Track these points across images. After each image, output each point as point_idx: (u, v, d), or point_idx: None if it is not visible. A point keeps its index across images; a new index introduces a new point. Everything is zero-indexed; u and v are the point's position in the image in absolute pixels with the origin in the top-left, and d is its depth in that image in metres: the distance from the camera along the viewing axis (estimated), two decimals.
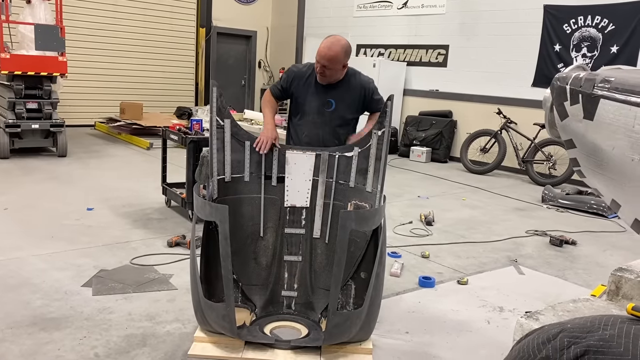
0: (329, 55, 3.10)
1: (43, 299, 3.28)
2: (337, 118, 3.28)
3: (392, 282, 3.87)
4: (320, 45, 3.13)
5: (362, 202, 3.07)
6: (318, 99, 3.27)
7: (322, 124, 3.28)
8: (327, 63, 3.10)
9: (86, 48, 10.47)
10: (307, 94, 3.30)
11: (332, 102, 3.26)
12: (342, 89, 3.28)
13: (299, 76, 3.33)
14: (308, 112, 3.30)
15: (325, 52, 3.11)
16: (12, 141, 7.37)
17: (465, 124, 9.43)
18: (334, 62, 3.11)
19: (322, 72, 3.15)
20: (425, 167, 8.98)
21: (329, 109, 3.27)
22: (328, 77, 3.18)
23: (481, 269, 4.27)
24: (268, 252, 3.21)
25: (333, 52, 3.10)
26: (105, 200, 5.59)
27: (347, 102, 3.29)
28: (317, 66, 3.15)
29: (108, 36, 10.76)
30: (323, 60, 3.11)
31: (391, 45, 10.60)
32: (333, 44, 3.11)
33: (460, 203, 6.51)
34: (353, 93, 3.30)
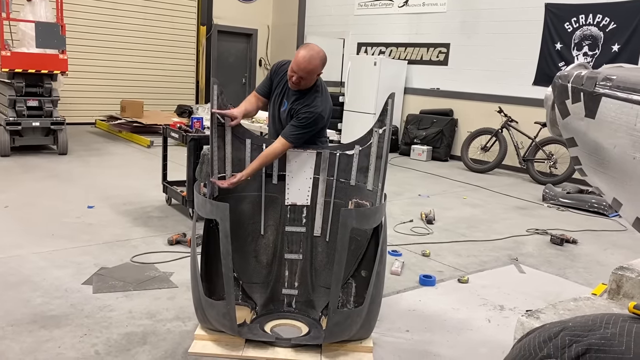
0: (308, 68, 2.99)
1: (43, 296, 3.28)
2: (285, 119, 3.19)
3: (392, 280, 3.87)
4: (299, 55, 3.00)
5: (363, 200, 3.07)
6: (278, 97, 3.23)
7: (277, 120, 3.25)
8: (304, 75, 3.01)
9: (87, 46, 10.47)
10: (276, 91, 3.25)
11: (285, 103, 3.19)
12: (299, 99, 3.13)
13: (279, 72, 3.25)
14: (271, 104, 3.29)
15: (304, 64, 2.98)
16: (13, 139, 7.37)
17: (466, 122, 9.42)
18: (311, 74, 3.03)
19: (296, 81, 3.04)
20: (426, 165, 8.98)
21: (282, 108, 3.21)
22: (301, 86, 3.09)
23: (482, 268, 4.27)
24: (269, 250, 3.21)
25: (312, 65, 2.99)
26: (106, 198, 5.59)
27: (291, 112, 3.15)
28: (292, 75, 3.03)
29: (109, 34, 10.75)
30: (301, 71, 2.99)
31: (392, 44, 10.59)
32: (313, 58, 2.98)
33: (460, 202, 6.50)
34: (298, 103, 3.13)
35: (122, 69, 10.99)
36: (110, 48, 10.80)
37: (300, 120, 3.08)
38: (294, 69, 3.03)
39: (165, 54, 11.48)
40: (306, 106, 3.09)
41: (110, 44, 10.79)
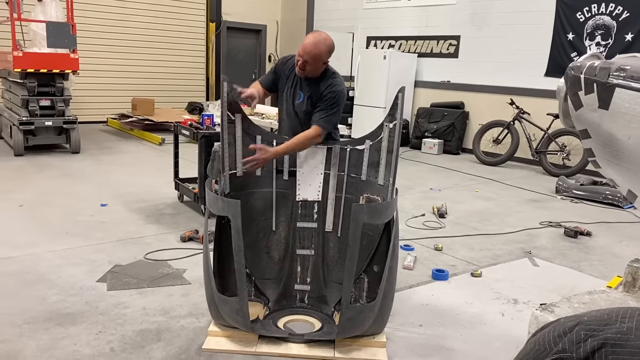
0: (313, 52, 2.99)
1: (59, 294, 3.31)
2: (303, 111, 3.19)
3: (405, 275, 3.86)
4: (306, 40, 3.03)
5: (374, 195, 3.06)
6: (291, 89, 3.22)
7: (293, 115, 3.24)
8: (310, 59, 3.02)
9: (97, 45, 10.52)
10: (285, 84, 3.25)
11: (301, 93, 3.19)
12: (315, 85, 3.15)
13: (286, 66, 3.27)
14: (283, 100, 3.27)
15: (310, 48, 2.99)
16: (27, 138, 7.44)
17: (477, 115, 9.36)
18: (317, 59, 3.03)
19: (302, 66, 3.06)
20: (437, 159, 8.94)
21: (298, 101, 3.20)
22: (307, 72, 3.10)
23: (495, 261, 4.25)
24: (280, 246, 3.22)
25: (318, 50, 3.00)
26: (119, 196, 5.62)
27: (313, 99, 3.16)
28: (299, 59, 3.06)
29: (119, 32, 10.80)
30: (307, 55, 3.01)
31: (402, 37, 10.53)
32: (319, 42, 3.01)
33: (473, 195, 6.47)
34: (317, 89, 3.15)
35: (133, 67, 11.04)
36: (121, 46, 10.85)
37: (326, 102, 3.10)
38: (300, 53, 3.05)
39: (175, 51, 11.51)
40: (327, 87, 3.12)
41: (121, 42, 10.84)
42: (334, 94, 3.12)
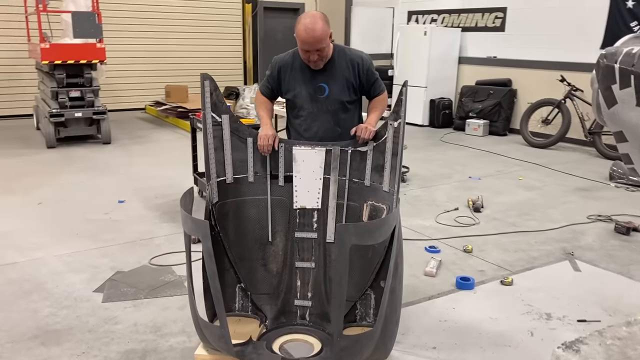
0: (315, 36, 2.64)
1: (52, 306, 3.16)
2: (333, 103, 2.86)
3: (425, 283, 3.51)
4: (299, 31, 2.67)
5: (379, 202, 2.71)
6: (309, 87, 2.87)
7: (319, 113, 2.88)
8: (318, 45, 2.67)
9: (132, 31, 10.46)
10: (296, 84, 2.90)
11: (324, 86, 2.85)
12: (332, 69, 2.84)
13: (284, 66, 2.92)
14: (301, 104, 2.91)
15: (310, 34, 2.63)
16: (58, 130, 7.43)
17: (525, 93, 8.70)
18: (323, 40, 2.67)
19: (315, 59, 2.73)
20: (482, 141, 8.38)
21: (323, 95, 2.86)
22: (324, 59, 2.77)
23: (530, 265, 3.81)
24: (278, 259, 2.92)
25: (318, 31, 2.64)
26: (139, 190, 5.48)
27: (340, 83, 2.84)
28: (307, 56, 2.72)
29: (154, 17, 10.68)
30: (316, 44, 2.66)
31: (444, 11, 9.91)
32: (313, 23, 2.64)
33: (515, 183, 5.96)
34: (345, 71, 2.84)
35: (168, 53, 10.93)
36: (156, 32, 10.74)
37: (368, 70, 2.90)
38: (307, 47, 2.70)
39: (210, 35, 11.31)
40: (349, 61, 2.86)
41: (156, 27, 10.73)
42: (362, 60, 2.88)
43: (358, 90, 2.92)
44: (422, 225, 4.59)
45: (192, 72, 11.10)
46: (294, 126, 2.99)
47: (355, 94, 2.91)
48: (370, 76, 2.91)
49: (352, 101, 2.91)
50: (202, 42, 11.26)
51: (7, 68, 9.51)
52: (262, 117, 2.97)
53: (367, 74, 2.89)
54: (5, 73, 9.51)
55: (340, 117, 2.89)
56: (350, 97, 2.89)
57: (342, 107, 2.88)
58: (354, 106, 2.94)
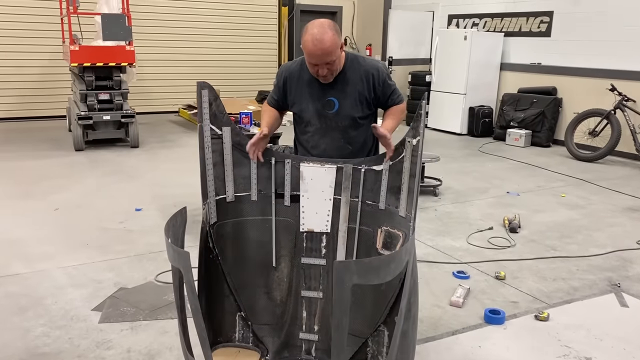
0: (324, 48, 2.32)
1: (45, 325, 2.98)
2: (344, 119, 2.56)
3: (450, 314, 3.17)
4: (306, 43, 2.35)
5: (395, 229, 2.40)
6: (316, 101, 2.56)
7: (328, 129, 2.59)
8: (328, 58, 2.36)
9: (168, 33, 10.42)
10: (303, 98, 2.60)
11: (333, 101, 2.54)
12: (343, 82, 2.52)
13: (291, 77, 2.62)
14: (308, 119, 2.62)
15: (318, 46, 2.32)
16: (86, 133, 7.38)
17: (571, 102, 8.18)
18: (333, 52, 2.36)
19: (325, 74, 2.42)
20: (523, 153, 7.91)
21: (332, 111, 2.55)
22: (334, 73, 2.46)
23: (570, 297, 3.42)
24: (282, 286, 2.65)
25: (327, 42, 2.31)
26: (159, 198, 5.32)
27: (352, 97, 2.54)
28: (315, 70, 2.42)
29: (190, 20, 10.61)
30: (325, 57, 2.34)
31: (487, 14, 9.47)
32: (321, 33, 2.32)
33: (557, 201, 5.52)
34: (358, 84, 2.53)
35: (203, 56, 10.83)
36: (191, 35, 10.67)
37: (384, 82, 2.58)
38: (315, 61, 2.39)
39: (245, 37, 11.16)
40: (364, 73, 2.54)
41: (191, 30, 10.65)
42: (378, 71, 2.56)
43: (372, 104, 2.61)
44: (451, 246, 4.24)
45: (226, 75, 11.00)
46: (301, 142, 2.70)
47: (368, 108, 2.60)
48: (387, 88, 2.60)
49: (364, 116, 2.60)
50: (237, 45, 11.12)
51: (44, 69, 9.60)
52: (262, 121, 2.67)
53: (384, 87, 2.58)
54: (42, 74, 9.60)
55: (351, 134, 2.59)
56: (363, 112, 2.58)
57: (353, 124, 2.58)
58: (368, 121, 2.62)
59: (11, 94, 9.49)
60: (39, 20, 9.30)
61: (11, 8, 9.18)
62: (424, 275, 3.68)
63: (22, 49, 9.37)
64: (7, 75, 9.41)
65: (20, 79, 9.49)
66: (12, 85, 9.47)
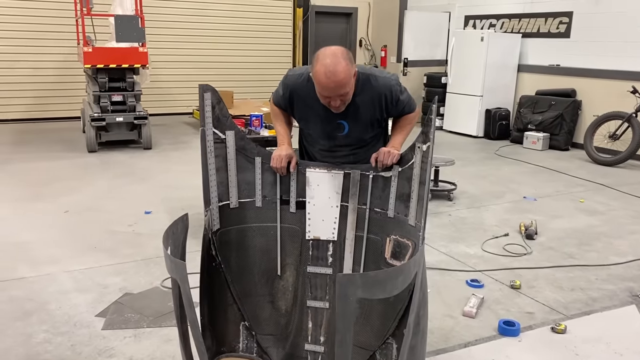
0: (337, 81, 2.14)
1: (48, 331, 2.93)
2: (353, 141, 2.47)
3: (462, 325, 3.06)
4: (318, 74, 2.16)
5: (404, 238, 2.30)
6: (325, 124, 2.44)
7: (335, 149, 2.50)
8: (341, 90, 2.18)
9: (183, 35, 10.42)
10: (310, 116, 2.47)
11: (344, 124, 2.42)
12: (355, 106, 2.37)
13: (297, 93, 2.46)
14: (316, 138, 2.53)
15: (332, 79, 2.14)
16: (99, 134, 7.38)
17: (591, 104, 7.99)
18: (347, 84, 2.20)
19: (337, 105, 2.26)
20: (541, 156, 7.74)
21: (341, 133, 2.44)
22: (347, 102, 2.30)
23: (588, 309, 3.28)
24: (287, 295, 2.56)
25: (341, 74, 2.14)
26: (169, 200, 5.27)
27: (363, 121, 2.42)
28: (327, 101, 2.26)
29: (204, 22, 10.60)
30: (336, 90, 2.17)
31: (504, 15, 9.30)
32: (334, 64, 2.14)
33: (575, 206, 5.36)
34: (369, 108, 2.40)
35: (217, 57, 10.81)
36: (206, 36, 10.66)
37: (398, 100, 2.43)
38: (328, 93, 2.21)
39: (259, 39, 11.11)
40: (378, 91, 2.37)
41: (205, 32, 10.64)
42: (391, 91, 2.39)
43: (383, 122, 2.52)
44: (465, 253, 4.13)
45: (240, 77, 10.97)
46: (308, 151, 2.61)
47: (379, 126, 2.51)
48: (400, 104, 2.45)
49: (374, 135, 2.51)
50: (251, 47, 11.08)
51: (60, 71, 9.64)
52: (278, 132, 2.61)
53: (397, 105, 2.44)
54: (58, 76, 9.65)
55: (361, 152, 2.48)
56: (374, 132, 2.49)
57: (362, 143, 2.49)
58: (377, 138, 2.54)
59: (27, 95, 9.55)
60: (54, 21, 9.35)
61: (27, 10, 9.23)
62: (436, 284, 3.58)
63: (38, 50, 9.42)
64: (24, 76, 9.47)
65: (36, 81, 9.55)
66: (28, 86, 9.53)
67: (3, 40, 9.19)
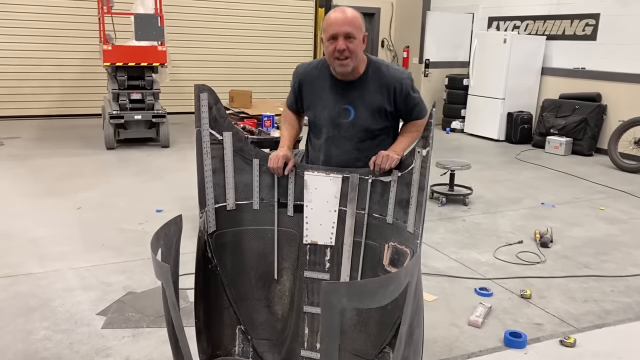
0: (345, 17, 2.23)
1: (49, 328, 2.94)
2: (359, 130, 2.38)
3: (467, 335, 2.97)
4: (327, 17, 2.28)
5: (402, 245, 2.24)
6: (332, 107, 2.40)
7: (341, 139, 2.41)
8: (350, 28, 2.21)
9: (204, 34, 10.47)
10: (317, 103, 2.45)
11: (349, 109, 2.37)
12: (362, 90, 2.35)
13: (306, 80, 2.47)
14: (321, 126, 2.46)
15: (339, 16, 2.23)
16: (118, 132, 7.44)
17: (617, 109, 7.77)
18: (356, 25, 2.24)
19: (343, 49, 2.21)
20: (563, 161, 7.56)
21: (347, 119, 2.38)
22: (353, 54, 2.24)
23: (601, 322, 3.16)
24: (284, 300, 2.52)
25: (349, 14, 2.24)
26: (181, 199, 5.27)
27: (370, 108, 2.36)
28: (333, 46, 2.23)
29: (225, 21, 10.63)
30: (343, 25, 2.21)
31: (528, 17, 9.12)
32: (344, 8, 2.28)
33: (595, 214, 5.20)
34: (377, 95, 2.35)
35: (238, 57, 10.83)
36: (226, 36, 10.69)
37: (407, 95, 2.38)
38: (334, 30, 2.21)
39: (281, 39, 11.10)
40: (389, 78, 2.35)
41: (226, 31, 10.67)
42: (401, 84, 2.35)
43: (391, 117, 2.42)
44: (476, 260, 4.03)
45: (261, 76, 10.96)
46: (313, 146, 2.55)
47: (386, 120, 2.41)
48: (410, 101, 2.39)
49: (382, 128, 2.41)
50: (272, 47, 11.07)
51: (83, 69, 9.76)
52: (282, 136, 2.58)
53: (406, 99, 2.38)
54: (81, 73, 9.77)
55: (366, 145, 2.39)
56: (380, 123, 2.39)
57: (368, 135, 2.39)
58: (385, 134, 2.44)
59: (51, 92, 9.70)
60: (78, 20, 9.46)
61: (52, 8, 9.38)
62: (444, 291, 3.49)
63: (62, 48, 9.57)
64: (48, 73, 9.62)
65: (60, 77, 9.69)
66: (52, 83, 9.68)
67: (29, 37, 9.35)
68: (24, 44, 9.36)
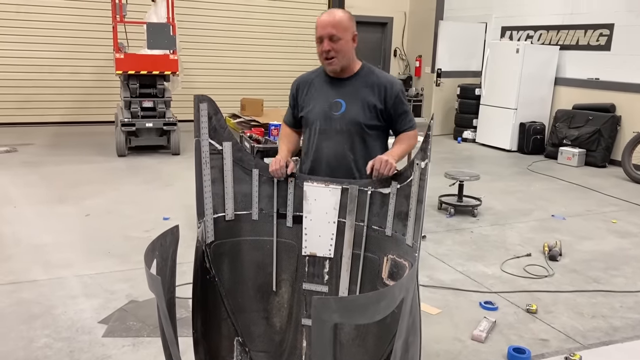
0: (331, 19, 2.33)
1: (49, 336, 2.94)
2: (349, 123, 2.43)
3: (469, 350, 2.92)
4: (317, 21, 2.40)
5: (401, 258, 2.21)
6: (324, 102, 2.48)
7: (332, 132, 2.46)
8: (334, 30, 2.31)
9: (216, 43, 10.54)
10: (311, 100, 2.53)
11: (341, 102, 2.44)
12: (354, 86, 2.45)
13: (303, 83, 2.60)
14: (313, 120, 2.51)
15: (326, 18, 2.35)
16: (129, 139, 7.50)
17: (631, 120, 7.67)
18: (341, 27, 2.33)
19: (329, 49, 2.34)
20: (576, 173, 7.46)
21: (338, 112, 2.44)
22: (340, 53, 2.35)
23: (608, 339, 3.10)
24: (282, 312, 2.49)
25: (337, 15, 2.36)
26: (189, 207, 5.26)
27: (361, 102, 2.43)
28: (321, 47, 2.37)
29: (236, 30, 10.70)
30: (328, 27, 2.32)
31: (542, 27, 9.04)
32: (333, 10, 2.41)
33: (607, 227, 5.12)
34: (368, 92, 2.44)
35: (250, 65, 10.89)
36: (238, 44, 10.75)
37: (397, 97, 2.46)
38: (321, 32, 2.36)
39: (292, 48, 11.13)
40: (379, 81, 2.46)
41: (237, 40, 10.73)
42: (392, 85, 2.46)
43: (381, 117, 2.46)
44: (483, 273, 3.97)
45: (272, 85, 10.99)
46: (305, 144, 2.59)
47: (377, 119, 2.46)
48: (398, 105, 2.46)
49: (372, 126, 2.45)
50: (284, 56, 11.11)
51: (97, 76, 9.87)
52: (280, 149, 2.59)
53: (395, 102, 2.45)
54: (95, 81, 9.88)
55: (356, 141, 2.45)
56: (371, 120, 2.44)
57: (359, 131, 2.44)
58: (375, 135, 2.48)
59: (66, 99, 9.82)
60: (92, 28, 9.57)
61: (66, 17, 9.51)
62: (449, 304, 3.45)
63: (77, 55, 9.69)
64: (63, 81, 9.74)
65: (74, 85, 9.81)
66: (67, 90, 9.80)
67: (44, 45, 9.49)
68: (39, 52, 9.50)
